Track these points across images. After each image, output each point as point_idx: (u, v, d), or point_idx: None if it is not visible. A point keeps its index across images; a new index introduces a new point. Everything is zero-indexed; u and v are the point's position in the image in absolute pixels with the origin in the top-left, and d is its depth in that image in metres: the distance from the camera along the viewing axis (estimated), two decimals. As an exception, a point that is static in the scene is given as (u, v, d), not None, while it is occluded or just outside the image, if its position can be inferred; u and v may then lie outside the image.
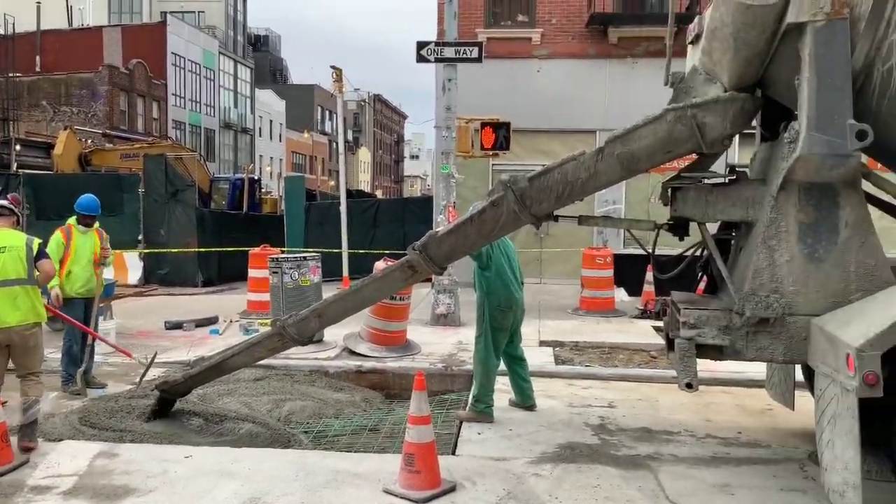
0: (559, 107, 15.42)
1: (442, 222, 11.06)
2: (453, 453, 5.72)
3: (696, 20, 5.60)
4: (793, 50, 4.64)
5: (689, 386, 4.80)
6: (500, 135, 11.55)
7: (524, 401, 6.80)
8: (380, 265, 8.26)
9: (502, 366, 6.70)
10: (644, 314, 11.97)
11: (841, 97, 4.46)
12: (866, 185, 4.80)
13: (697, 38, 5.41)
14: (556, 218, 5.51)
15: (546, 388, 7.41)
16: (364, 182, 75.39)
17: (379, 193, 60.98)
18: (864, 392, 3.87)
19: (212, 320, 11.03)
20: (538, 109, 15.34)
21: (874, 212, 4.93)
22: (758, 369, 6.95)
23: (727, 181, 5.31)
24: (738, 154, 11.30)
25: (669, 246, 5.81)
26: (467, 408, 6.66)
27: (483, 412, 6.41)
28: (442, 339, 9.89)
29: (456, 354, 8.94)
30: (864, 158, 4.74)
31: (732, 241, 5.52)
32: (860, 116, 4.50)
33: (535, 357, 8.33)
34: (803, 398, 6.08)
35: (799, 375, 6.20)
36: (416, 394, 4.74)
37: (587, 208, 13.99)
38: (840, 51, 4.45)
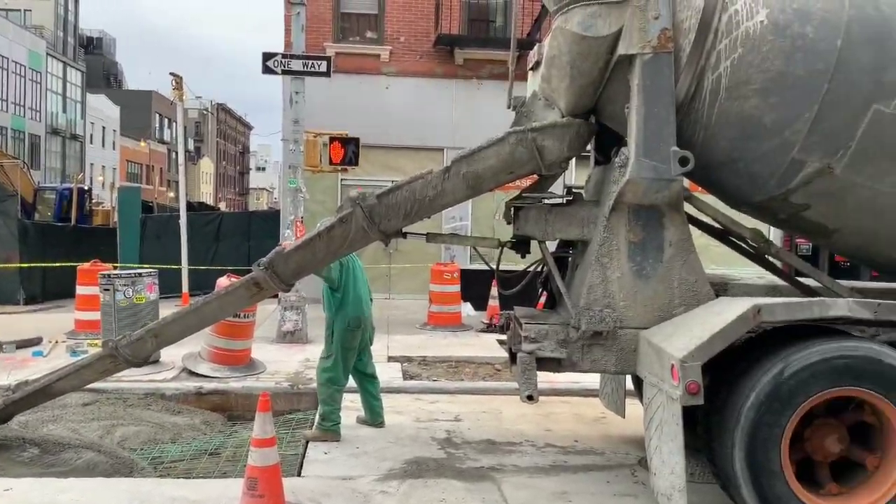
0: (408, 124, 15.60)
1: (289, 237, 10.86)
2: (299, 474, 5.61)
3: (536, 48, 5.87)
4: (623, 80, 4.94)
5: (530, 398, 4.97)
6: (349, 150, 11.52)
7: (374, 418, 6.78)
8: (223, 282, 7.98)
9: (352, 383, 6.67)
10: (489, 328, 12.28)
11: (665, 125, 4.79)
12: (688, 208, 5.18)
13: (537, 64, 5.67)
14: (404, 235, 5.57)
15: (394, 403, 7.43)
16: (206, 194, 72.69)
17: (222, 206, 59.05)
18: (688, 400, 4.17)
19: (35, 341, 10.20)
20: (387, 126, 15.45)
21: (694, 231, 5.33)
22: (593, 379, 7.32)
23: (565, 202, 5.57)
24: (574, 175, 11.90)
25: (513, 262, 6.01)
26: (314, 427, 6.56)
27: (330, 430, 6.34)
28: (289, 357, 9.69)
29: (303, 372, 8.78)
30: (687, 183, 5.11)
31: (570, 259, 5.79)
32: (693, 128, 4.82)
33: (384, 373, 8.33)
34: (634, 406, 6.46)
35: (629, 384, 6.59)
36: (259, 415, 4.61)
37: (435, 225, 14.20)
38: (665, 82, 4.79)
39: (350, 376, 6.61)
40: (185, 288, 13.55)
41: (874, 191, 4.67)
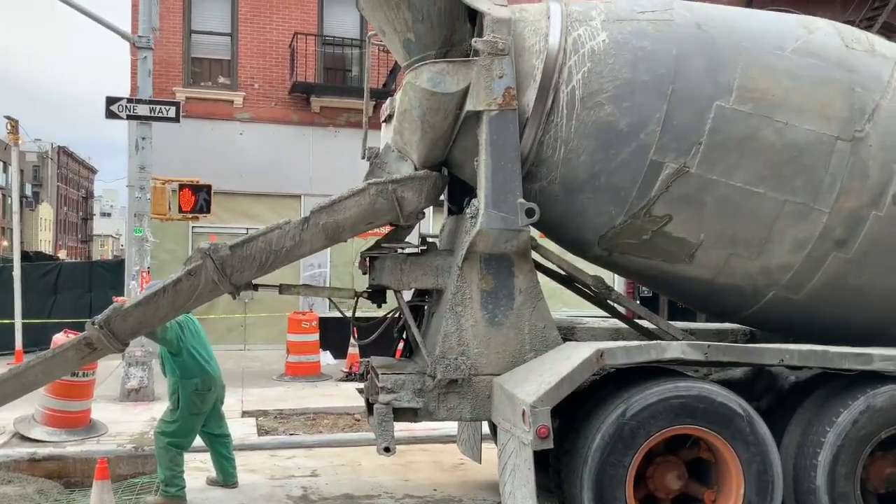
0: (263, 170, 15.36)
1: (134, 289, 10.33)
2: (143, 544, 5.27)
3: (388, 101, 5.97)
4: (472, 134, 5.13)
5: (387, 450, 4.94)
6: (200, 197, 11.16)
7: (226, 479, 6.47)
8: (59, 338, 7.45)
9: (200, 442, 6.36)
10: (349, 377, 12.13)
11: (512, 178, 4.99)
12: (535, 256, 5.39)
13: (390, 117, 5.76)
14: (255, 287, 5.43)
15: (247, 461, 7.15)
16: (45, 242, 68.08)
17: (63, 255, 55.49)
18: (538, 445, 4.29)
19: None
20: (242, 172, 15.15)
21: (542, 277, 5.53)
22: (452, 425, 7.38)
23: (420, 251, 5.65)
24: (432, 224, 12.12)
25: (372, 309, 5.99)
26: (157, 493, 6.17)
27: (175, 496, 5.97)
28: (133, 417, 9.12)
29: (149, 433, 8.27)
30: (536, 233, 5.32)
31: (426, 307, 5.84)
32: (555, 144, 4.99)
33: (237, 429, 8.02)
34: (492, 450, 6.55)
35: (486, 429, 6.69)
36: (97, 484, 4.33)
37: (293, 272, 13.98)
38: (511, 137, 5.00)
39: (198, 436, 6.30)
40: (18, 345, 12.53)
41: (729, 187, 4.95)
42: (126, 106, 10.39)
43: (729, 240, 5.09)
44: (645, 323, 5.96)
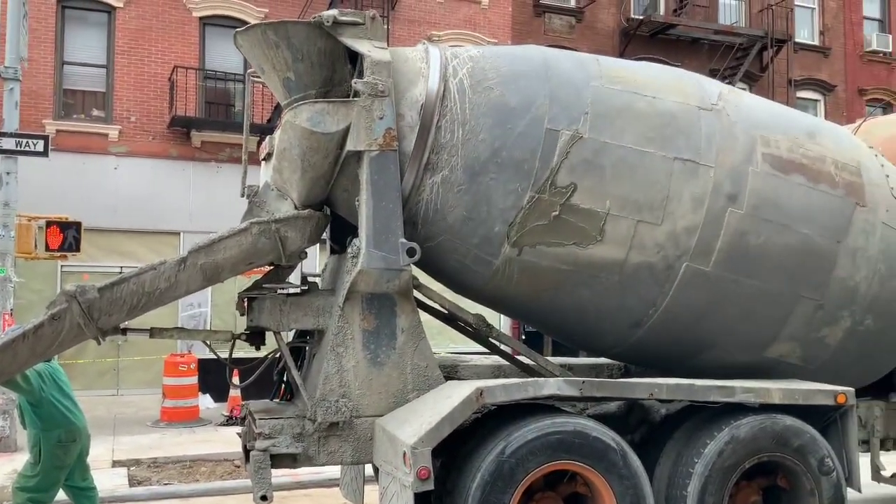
0: (140, 206, 14.82)
1: (-5, 333, 9.65)
2: None
3: (267, 139, 5.90)
4: (353, 173, 5.12)
5: (263, 499, 4.77)
6: (68, 234, 10.66)
7: (91, 535, 6.08)
8: None
9: (63, 496, 5.96)
10: (230, 421, 11.73)
11: (393, 218, 5.00)
12: (418, 295, 5.39)
13: (270, 155, 5.69)
14: (123, 332, 5.18)
15: (117, 515, 6.77)
16: None
17: (-84, 295, 51.15)
18: (419, 486, 4.26)
19: None
20: (116, 208, 14.58)
21: (425, 316, 5.53)
22: (336, 468, 7.21)
23: (301, 291, 5.55)
24: (318, 262, 11.96)
25: (251, 350, 5.82)
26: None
27: (35, 556, 5.57)
28: (-9, 471, 8.49)
29: (9, 487, 7.70)
30: (421, 273, 5.32)
31: (307, 349, 5.73)
32: (453, 127, 5.08)
33: (107, 480, 7.62)
34: (376, 492, 6.44)
35: (369, 471, 6.57)
36: (-59, 550, 3.96)
37: (171, 311, 13.45)
38: (391, 178, 5.02)
39: (62, 490, 5.91)
40: None
41: (622, 149, 5.21)
42: (-11, 139, 9.82)
43: (633, 205, 5.20)
44: (526, 359, 6.06)
